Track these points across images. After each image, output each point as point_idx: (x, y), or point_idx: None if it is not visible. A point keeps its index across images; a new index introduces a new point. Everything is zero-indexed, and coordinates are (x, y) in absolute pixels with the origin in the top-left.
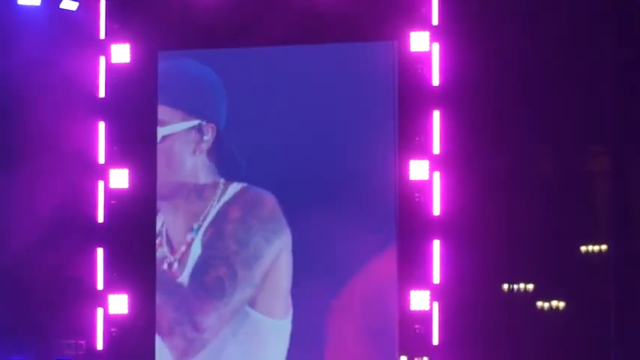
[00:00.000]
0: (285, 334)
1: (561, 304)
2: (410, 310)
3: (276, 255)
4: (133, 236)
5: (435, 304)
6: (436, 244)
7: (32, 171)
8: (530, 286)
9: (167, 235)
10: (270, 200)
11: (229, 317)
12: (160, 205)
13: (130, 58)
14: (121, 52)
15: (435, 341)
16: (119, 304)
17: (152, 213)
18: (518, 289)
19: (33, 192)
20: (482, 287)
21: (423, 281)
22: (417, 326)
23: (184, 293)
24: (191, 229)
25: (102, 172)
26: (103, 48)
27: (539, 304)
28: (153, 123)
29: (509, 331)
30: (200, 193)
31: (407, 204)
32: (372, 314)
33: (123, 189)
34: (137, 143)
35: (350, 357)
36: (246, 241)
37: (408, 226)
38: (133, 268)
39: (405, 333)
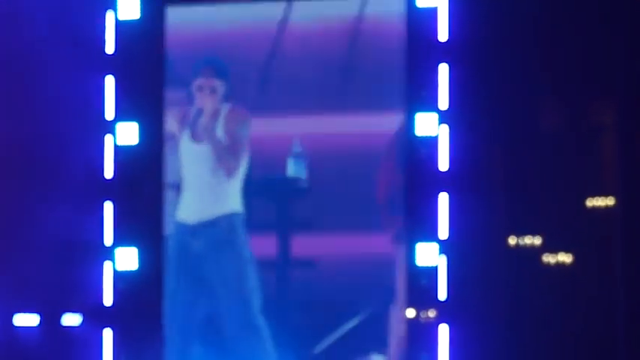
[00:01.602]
0: None
1: (568, 259)
2: (416, 265)
3: None
4: (141, 191)
5: (442, 258)
6: (443, 198)
7: (38, 128)
8: (537, 241)
9: None
10: None
11: None
12: None
13: (139, 12)
14: (130, 7)
15: (442, 296)
16: (128, 259)
17: (160, 168)
18: (525, 243)
19: (40, 148)
20: (489, 241)
21: (430, 235)
22: (423, 281)
23: None
24: None
25: (110, 128)
26: (110, 2)
27: (546, 258)
28: (161, 79)
29: (516, 284)
30: None
31: (413, 158)
32: None
33: (131, 145)
34: (146, 99)
35: None
36: None
37: (414, 180)
38: (142, 224)
39: (412, 287)
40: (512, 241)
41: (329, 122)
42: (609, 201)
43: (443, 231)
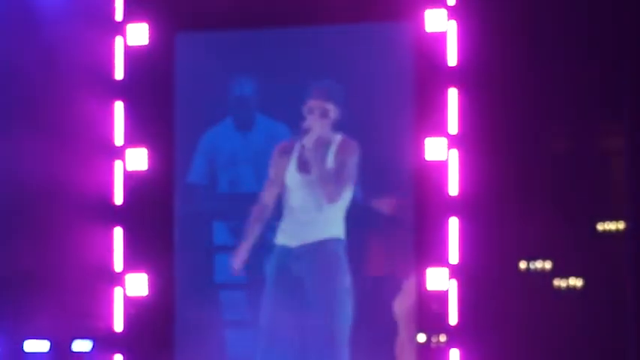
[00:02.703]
0: None
1: (578, 283)
2: (427, 289)
3: None
4: (151, 217)
5: (453, 282)
6: (453, 223)
7: (49, 153)
8: (548, 265)
9: None
10: None
11: None
12: None
13: (148, 39)
14: (139, 34)
15: (453, 320)
16: (138, 285)
17: (170, 194)
18: (535, 267)
19: (50, 173)
20: (500, 266)
21: (441, 260)
22: (434, 305)
23: None
24: None
25: (119, 154)
26: (119, 29)
27: (557, 282)
28: (171, 104)
29: (527, 309)
30: None
31: (423, 183)
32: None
33: (141, 170)
34: (155, 125)
35: None
36: None
37: (424, 204)
38: (152, 250)
39: (423, 311)
40: (522, 265)
41: None
42: (619, 225)
43: (453, 255)
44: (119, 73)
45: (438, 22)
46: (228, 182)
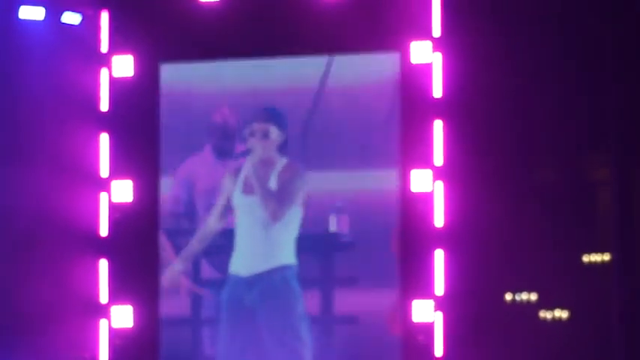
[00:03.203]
0: None
1: (564, 314)
2: (413, 321)
3: None
4: (136, 249)
5: (439, 314)
6: (439, 255)
7: (34, 185)
8: (534, 297)
9: None
10: None
11: None
12: None
13: (133, 70)
14: (124, 65)
15: (439, 351)
16: (123, 316)
17: (155, 225)
18: (521, 299)
19: (35, 206)
20: (486, 297)
21: (426, 292)
22: (419, 337)
23: None
24: None
25: (105, 186)
26: (105, 61)
27: (542, 314)
28: (156, 136)
29: (512, 340)
30: None
31: (409, 214)
32: None
33: (126, 202)
34: (140, 156)
35: None
36: None
37: (410, 236)
38: (137, 281)
39: (408, 343)
40: (508, 297)
41: (370, 177)
42: (605, 257)
43: (439, 287)
44: (104, 105)
45: (423, 53)
46: (206, 210)
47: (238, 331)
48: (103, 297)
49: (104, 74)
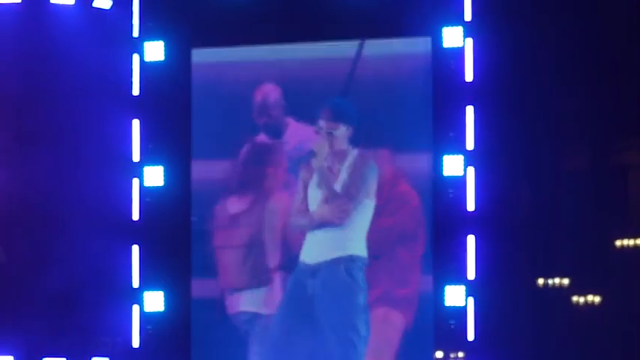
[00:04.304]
0: None
1: (597, 299)
2: (445, 306)
3: None
4: (168, 233)
5: (470, 300)
6: (471, 240)
7: (67, 169)
8: (566, 281)
9: None
10: None
11: None
12: None
13: (164, 55)
14: (155, 50)
15: (471, 337)
16: (155, 301)
17: (187, 210)
18: (554, 284)
19: (67, 190)
20: (518, 282)
21: (458, 277)
22: (451, 322)
23: None
24: None
25: (137, 170)
26: (136, 46)
27: (575, 298)
28: (187, 121)
29: (545, 325)
30: None
31: (441, 200)
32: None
33: (158, 187)
34: (172, 141)
35: None
36: None
37: (442, 221)
38: (169, 267)
39: (441, 329)
40: (540, 281)
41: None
42: (638, 241)
43: (471, 272)
44: (136, 90)
45: (455, 38)
46: None
47: (296, 317)
48: (135, 281)
49: (136, 59)
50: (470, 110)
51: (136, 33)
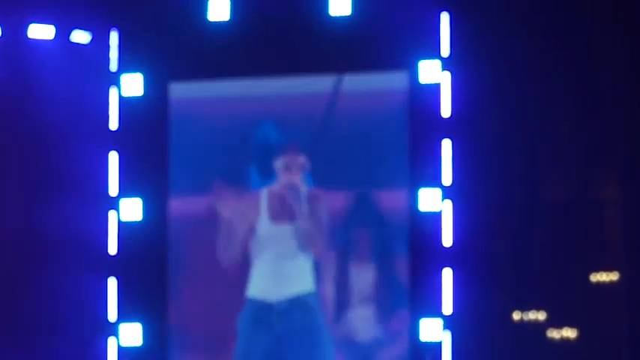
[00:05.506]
0: None
1: (573, 334)
2: (421, 340)
3: None
4: (145, 268)
5: (447, 333)
6: (447, 274)
7: (44, 202)
8: (542, 316)
9: None
10: None
11: None
12: None
13: (142, 89)
14: (133, 84)
15: None
16: (132, 335)
17: (164, 244)
18: (529, 318)
19: (45, 223)
20: (494, 316)
21: (434, 311)
22: (428, 356)
23: None
24: None
25: (114, 204)
26: (114, 79)
27: (550, 333)
28: (165, 155)
29: (521, 359)
30: None
31: (418, 233)
32: None
33: (135, 220)
34: (150, 175)
35: None
36: None
37: (418, 255)
38: (146, 300)
39: None
40: (516, 316)
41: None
42: (613, 276)
43: (447, 306)
44: (114, 124)
45: (432, 73)
46: None
47: (261, 353)
48: (112, 315)
49: (114, 93)
50: (447, 144)
51: (114, 67)
